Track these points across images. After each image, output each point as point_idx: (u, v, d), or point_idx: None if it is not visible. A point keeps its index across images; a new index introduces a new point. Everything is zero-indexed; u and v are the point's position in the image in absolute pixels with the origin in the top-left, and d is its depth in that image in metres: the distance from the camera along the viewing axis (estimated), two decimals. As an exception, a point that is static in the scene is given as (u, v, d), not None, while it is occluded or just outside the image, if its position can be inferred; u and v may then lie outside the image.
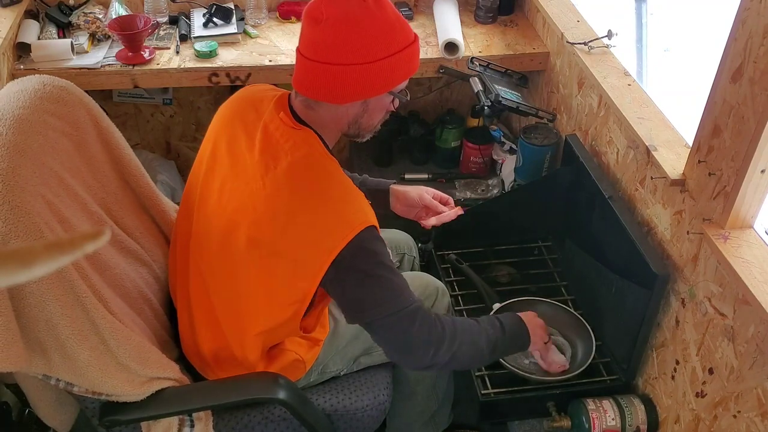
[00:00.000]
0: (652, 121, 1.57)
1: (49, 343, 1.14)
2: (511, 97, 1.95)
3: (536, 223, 2.01)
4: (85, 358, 1.16)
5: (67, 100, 1.26)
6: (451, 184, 2.30)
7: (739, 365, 1.28)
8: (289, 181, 1.21)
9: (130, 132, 2.55)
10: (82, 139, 1.28)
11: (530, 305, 1.78)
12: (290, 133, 1.24)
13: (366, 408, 1.45)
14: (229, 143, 1.31)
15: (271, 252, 1.22)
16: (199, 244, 1.33)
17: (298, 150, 1.22)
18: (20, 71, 1.95)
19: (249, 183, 1.23)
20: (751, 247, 1.27)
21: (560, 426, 1.57)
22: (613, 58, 1.83)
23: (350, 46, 1.17)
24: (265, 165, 1.22)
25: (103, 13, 2.14)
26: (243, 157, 1.27)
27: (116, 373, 1.20)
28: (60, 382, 1.19)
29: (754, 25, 1.16)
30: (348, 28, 1.17)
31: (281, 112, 1.27)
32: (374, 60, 1.19)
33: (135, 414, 1.25)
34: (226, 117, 1.36)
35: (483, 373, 1.64)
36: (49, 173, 1.16)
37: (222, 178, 1.30)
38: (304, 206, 1.19)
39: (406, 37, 1.24)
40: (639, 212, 1.61)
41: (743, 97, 1.21)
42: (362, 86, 1.21)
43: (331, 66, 1.18)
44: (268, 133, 1.26)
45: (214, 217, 1.30)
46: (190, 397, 1.31)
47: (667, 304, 1.51)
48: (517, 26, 2.27)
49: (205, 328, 1.35)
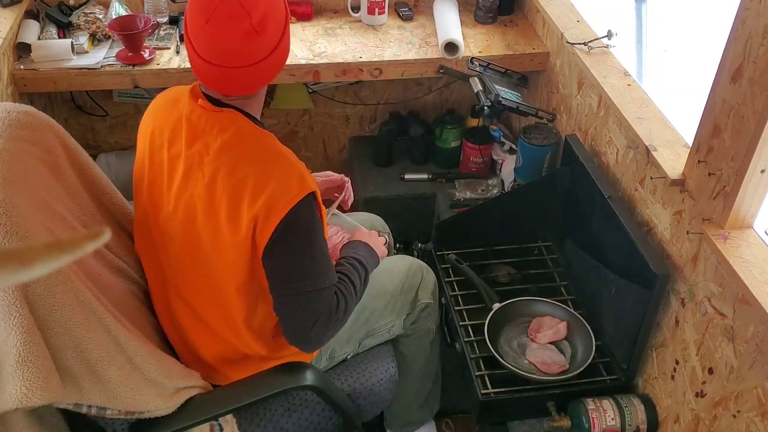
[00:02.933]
0: (651, 121, 1.57)
1: (79, 370, 1.14)
2: (511, 97, 1.96)
3: (536, 223, 2.01)
4: (115, 379, 1.17)
5: (35, 124, 1.23)
6: (451, 184, 2.30)
7: (738, 365, 1.28)
8: (225, 162, 1.22)
9: (130, 132, 2.55)
10: (55, 162, 1.25)
11: (530, 305, 1.79)
12: (214, 117, 1.25)
13: (381, 381, 1.53)
14: (160, 150, 1.31)
15: (225, 235, 1.23)
16: (167, 259, 1.34)
17: (226, 131, 1.23)
18: (20, 71, 1.95)
19: (188, 178, 1.25)
20: (750, 247, 1.27)
21: (560, 426, 1.57)
22: (612, 58, 1.83)
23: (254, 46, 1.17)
24: (198, 154, 1.23)
25: (104, 13, 2.14)
26: (177, 157, 1.28)
27: (146, 389, 1.21)
28: (92, 408, 1.19)
29: (754, 25, 1.16)
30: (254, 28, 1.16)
31: (199, 99, 1.26)
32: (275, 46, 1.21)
33: (167, 428, 1.26)
34: (149, 128, 1.34)
35: (483, 373, 1.64)
36: (39, 200, 1.15)
37: (165, 188, 1.30)
38: (244, 182, 1.20)
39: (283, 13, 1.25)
40: (639, 212, 1.61)
41: (743, 97, 1.21)
42: (275, 69, 1.25)
43: (251, 67, 1.19)
44: (192, 124, 1.26)
45: (169, 229, 1.30)
46: (219, 401, 1.32)
47: (667, 304, 1.51)
48: (517, 26, 2.27)
49: (199, 337, 1.36)
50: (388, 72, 2.08)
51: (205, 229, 1.25)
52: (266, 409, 1.41)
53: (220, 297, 1.31)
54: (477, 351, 1.70)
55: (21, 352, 1.06)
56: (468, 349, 1.70)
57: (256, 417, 1.40)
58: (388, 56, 2.08)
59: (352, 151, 2.54)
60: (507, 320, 1.75)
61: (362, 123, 2.63)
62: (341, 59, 2.06)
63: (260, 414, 1.40)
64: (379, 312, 1.58)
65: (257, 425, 1.39)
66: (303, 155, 2.64)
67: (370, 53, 2.09)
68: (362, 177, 2.37)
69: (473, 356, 1.68)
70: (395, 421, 1.80)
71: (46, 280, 1.07)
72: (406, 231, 2.21)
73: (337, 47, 2.12)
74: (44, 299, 1.08)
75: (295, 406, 1.42)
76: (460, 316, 1.80)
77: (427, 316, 1.66)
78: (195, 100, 1.26)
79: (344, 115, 2.60)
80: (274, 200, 1.19)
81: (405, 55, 2.09)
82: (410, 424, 1.81)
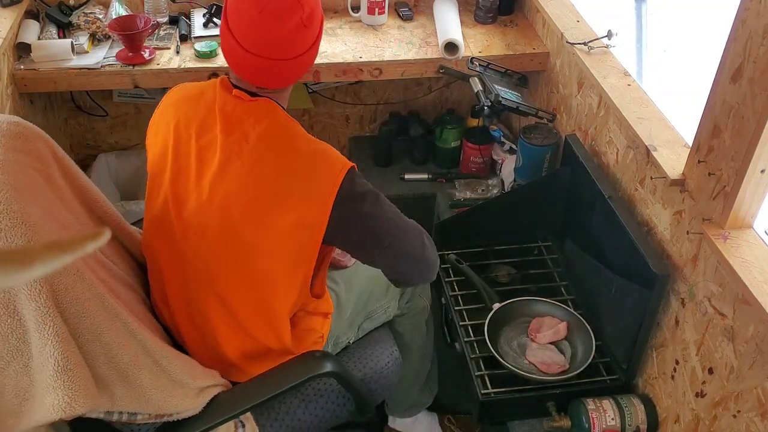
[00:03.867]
0: (651, 121, 1.57)
1: (111, 376, 1.14)
2: (511, 97, 1.96)
3: (536, 223, 2.01)
4: (147, 383, 1.17)
5: (27, 134, 1.21)
6: (451, 184, 2.30)
7: (738, 365, 1.28)
8: (266, 149, 1.25)
9: (130, 132, 2.55)
10: (48, 172, 1.24)
11: (530, 305, 1.79)
12: (250, 107, 1.27)
13: (388, 364, 1.58)
14: (187, 142, 1.31)
15: (272, 222, 1.24)
16: (194, 252, 1.32)
17: (264, 119, 1.26)
18: (20, 71, 1.95)
19: (226, 167, 1.25)
20: (751, 247, 1.27)
21: (560, 426, 1.57)
22: (612, 58, 1.83)
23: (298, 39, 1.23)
24: (237, 143, 1.25)
25: (104, 13, 2.14)
26: (209, 147, 1.28)
27: (174, 391, 1.22)
28: (123, 415, 1.19)
29: (754, 25, 1.16)
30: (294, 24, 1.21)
31: (233, 90, 1.28)
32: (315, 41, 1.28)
33: (194, 429, 1.26)
34: (171, 122, 1.34)
35: (483, 373, 1.64)
36: (45, 210, 1.14)
37: (194, 178, 1.30)
38: (289, 167, 1.24)
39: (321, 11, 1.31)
40: (639, 212, 1.61)
41: (743, 97, 1.21)
42: (310, 64, 1.32)
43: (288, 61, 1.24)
44: (227, 115, 1.27)
45: (201, 219, 1.29)
46: (242, 397, 1.33)
47: (667, 304, 1.51)
48: (517, 26, 2.27)
49: (224, 332, 1.36)
50: (388, 72, 2.08)
51: (246, 217, 1.25)
52: (281, 403, 1.42)
53: (255, 287, 1.31)
54: (477, 351, 1.70)
55: (59, 362, 1.06)
56: (468, 349, 1.70)
57: (272, 412, 1.41)
58: (388, 56, 2.08)
59: (352, 151, 2.54)
60: (507, 320, 1.75)
61: (362, 123, 2.63)
62: (341, 59, 2.06)
63: (276, 408, 1.41)
64: (376, 295, 1.62)
65: (275, 419, 1.41)
66: (303, 155, 2.63)
67: (370, 53, 2.09)
68: (362, 177, 2.37)
69: (473, 356, 1.68)
70: (398, 405, 1.82)
71: (73, 287, 1.07)
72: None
73: (337, 47, 2.12)
74: (74, 307, 1.07)
75: (309, 396, 1.44)
76: (460, 316, 1.80)
77: (420, 294, 1.71)
78: (229, 92, 1.29)
79: (344, 115, 2.60)
80: (324, 181, 1.24)
81: (405, 55, 2.09)
82: (413, 407, 1.84)
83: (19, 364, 1.08)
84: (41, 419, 1.09)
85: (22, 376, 1.09)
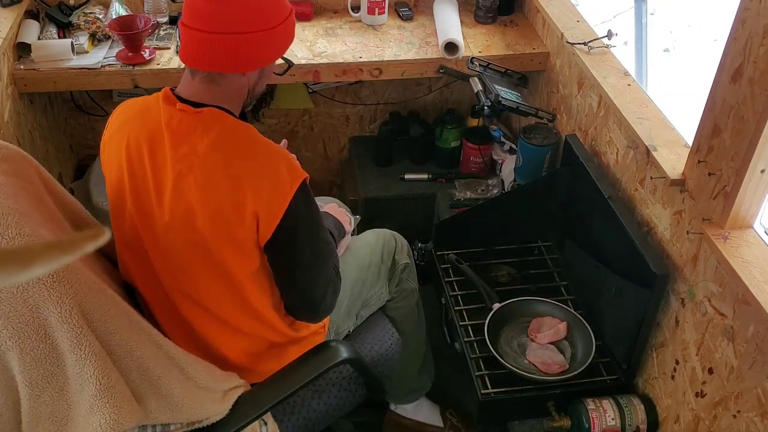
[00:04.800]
0: (651, 121, 1.57)
1: (144, 390, 1.14)
2: (511, 97, 1.95)
3: (536, 223, 2.01)
4: (178, 392, 1.18)
5: (13, 156, 1.20)
6: (451, 184, 2.30)
7: (738, 365, 1.28)
8: (218, 160, 1.22)
9: (130, 132, 2.55)
10: (37, 193, 1.22)
11: (530, 305, 1.79)
12: (196, 119, 1.25)
13: (391, 346, 1.63)
14: (140, 162, 1.28)
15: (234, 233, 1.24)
16: (170, 271, 1.32)
17: (211, 130, 1.24)
18: (20, 71, 1.95)
19: (180, 185, 1.24)
20: (751, 247, 1.27)
21: (560, 426, 1.57)
22: (613, 58, 1.83)
23: (249, 14, 1.21)
24: (186, 158, 1.23)
25: (103, 13, 2.14)
26: (163, 166, 1.25)
27: (202, 397, 1.22)
28: (156, 427, 1.20)
29: (754, 25, 1.16)
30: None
31: (176, 104, 1.26)
32: (271, 27, 1.24)
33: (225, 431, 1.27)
34: (122, 143, 1.31)
35: (483, 373, 1.64)
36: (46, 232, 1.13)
37: (154, 199, 1.28)
38: (242, 177, 1.22)
39: (288, 6, 1.30)
40: (639, 212, 1.61)
41: (743, 97, 1.21)
42: (264, 52, 1.26)
43: (235, 35, 1.21)
44: (173, 129, 1.25)
45: (168, 238, 1.28)
46: (264, 395, 1.34)
47: (667, 304, 1.51)
48: (517, 26, 2.27)
49: (221, 339, 1.37)
50: (388, 72, 2.08)
51: (207, 230, 1.24)
52: (296, 396, 1.43)
53: (236, 292, 1.32)
54: (477, 351, 1.70)
55: (101, 381, 1.06)
56: (468, 349, 1.70)
57: (288, 406, 1.43)
58: (388, 56, 2.08)
59: (352, 151, 2.54)
60: (507, 320, 1.75)
61: (362, 123, 2.63)
62: (341, 59, 2.06)
63: (291, 403, 1.44)
64: (369, 283, 1.65)
65: (291, 413, 1.43)
66: (303, 155, 2.64)
67: (370, 53, 2.09)
68: (362, 177, 2.37)
69: (473, 356, 1.68)
70: (398, 391, 1.83)
71: (100, 305, 1.07)
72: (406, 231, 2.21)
73: (337, 47, 2.12)
74: (103, 324, 1.07)
75: (322, 387, 1.47)
76: (460, 316, 1.80)
77: (407, 277, 1.74)
78: (171, 105, 1.26)
79: (344, 115, 2.60)
80: (274, 192, 1.22)
81: (405, 55, 2.09)
82: (414, 391, 1.85)
83: (54, 389, 1.07)
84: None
85: (59, 402, 1.08)
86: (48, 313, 1.01)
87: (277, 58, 1.31)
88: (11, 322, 1.00)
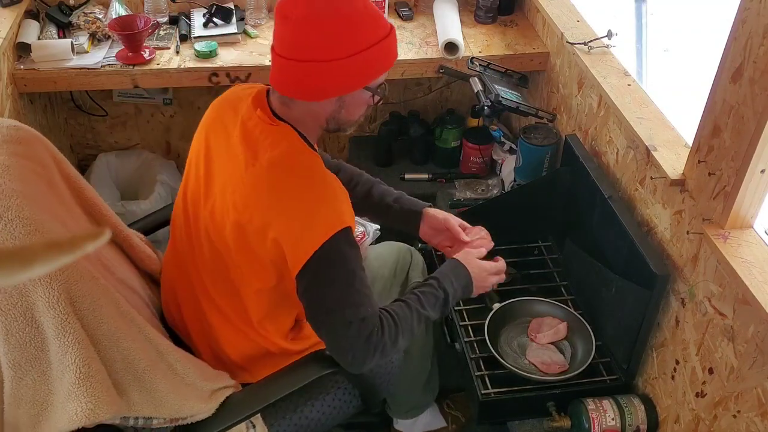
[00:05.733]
0: (651, 121, 1.57)
1: (128, 382, 1.14)
2: (511, 97, 1.95)
3: (536, 223, 2.01)
4: (163, 387, 1.17)
5: (27, 139, 1.20)
6: (451, 184, 2.30)
7: (738, 365, 1.28)
8: (268, 177, 1.21)
9: (130, 132, 2.55)
10: (50, 176, 1.23)
11: (530, 305, 1.79)
12: (268, 129, 1.25)
13: (392, 362, 1.57)
14: (209, 149, 1.32)
15: (256, 249, 1.24)
16: (200, 255, 1.35)
17: (277, 146, 1.23)
18: (20, 71, 1.95)
19: (230, 182, 1.25)
20: (751, 247, 1.27)
21: (560, 426, 1.57)
22: (613, 58, 1.83)
23: (318, 43, 1.17)
24: (245, 161, 1.23)
25: (103, 13, 2.14)
26: (222, 159, 1.28)
27: (188, 394, 1.22)
28: (138, 420, 1.19)
29: (754, 25, 1.16)
30: (315, 25, 1.17)
31: (258, 108, 1.27)
32: (344, 56, 1.18)
33: (209, 430, 1.26)
34: (206, 125, 1.36)
35: (483, 373, 1.64)
36: (53, 215, 1.13)
37: (203, 183, 1.31)
38: (281, 204, 1.20)
39: (379, 31, 1.22)
40: (639, 212, 1.61)
41: (743, 97, 1.21)
42: (334, 83, 1.21)
43: (303, 63, 1.19)
44: (247, 130, 1.26)
45: (203, 224, 1.31)
46: (253, 398, 1.33)
47: (667, 304, 1.51)
48: (517, 26, 2.27)
49: (225, 335, 1.38)
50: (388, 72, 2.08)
51: (234, 239, 1.25)
52: (289, 402, 1.42)
53: (240, 296, 1.32)
54: (477, 351, 1.70)
55: (81, 369, 1.06)
56: (468, 349, 1.70)
57: (281, 411, 1.42)
58: (388, 56, 2.08)
59: (352, 151, 2.54)
60: (507, 320, 1.75)
61: (362, 123, 2.62)
62: (341, 59, 2.06)
63: (284, 407, 1.42)
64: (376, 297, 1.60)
65: (283, 418, 1.42)
66: (303, 155, 2.63)
67: (370, 53, 2.09)
68: (362, 177, 2.37)
69: (473, 356, 1.68)
70: (400, 407, 1.82)
71: (89, 293, 1.07)
72: (406, 231, 2.22)
73: (337, 47, 2.12)
74: (91, 313, 1.07)
75: (317, 394, 1.45)
76: (460, 316, 1.80)
77: None
78: (255, 108, 1.27)
79: (344, 115, 2.60)
80: (305, 232, 1.19)
81: (405, 55, 2.09)
82: (416, 407, 1.83)
83: (37, 372, 1.07)
84: (64, 427, 1.09)
85: (41, 385, 1.08)
86: (36, 297, 1.02)
87: (354, 89, 1.25)
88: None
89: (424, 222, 1.57)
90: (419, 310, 1.33)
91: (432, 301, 1.35)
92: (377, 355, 1.25)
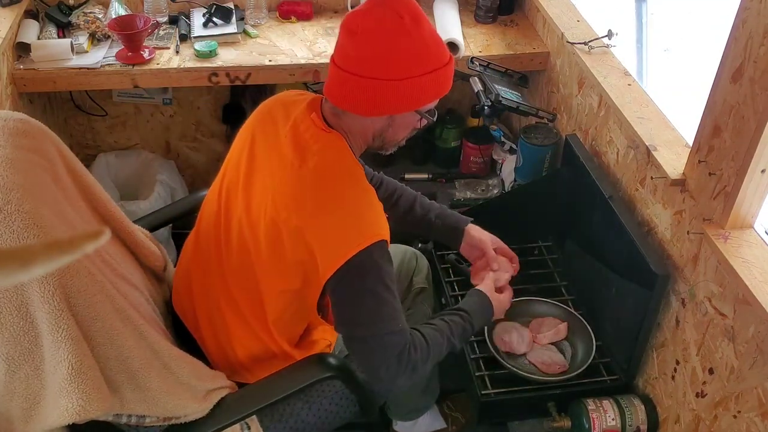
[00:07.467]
0: (652, 121, 1.57)
1: (121, 380, 1.14)
2: (511, 97, 1.95)
3: (536, 223, 2.01)
4: (156, 386, 1.17)
5: (33, 132, 1.19)
6: (451, 184, 2.30)
7: (739, 365, 1.28)
8: (312, 181, 1.22)
9: (130, 132, 2.55)
10: (55, 170, 1.22)
11: (530, 305, 1.78)
12: (319, 135, 1.26)
13: None
14: (254, 143, 1.33)
15: (284, 253, 1.24)
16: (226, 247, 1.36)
17: (327, 152, 1.24)
18: (20, 71, 1.95)
19: (271, 181, 1.26)
20: (751, 247, 1.27)
21: (560, 426, 1.57)
22: (613, 58, 1.83)
23: (381, 61, 1.18)
24: (291, 161, 1.24)
25: (103, 13, 2.14)
26: (268, 155, 1.29)
27: (182, 394, 1.21)
28: (131, 417, 1.19)
29: (754, 25, 1.16)
30: (380, 44, 1.18)
31: (313, 113, 1.28)
32: (403, 78, 1.20)
33: (202, 430, 1.26)
34: (255, 120, 1.37)
35: (483, 373, 1.64)
36: (56, 210, 1.13)
37: (243, 179, 1.32)
38: (321, 209, 1.20)
39: (439, 59, 1.23)
40: (639, 212, 1.61)
41: (743, 97, 1.21)
42: (389, 102, 1.23)
43: (361, 78, 1.20)
44: (298, 132, 1.27)
45: (236, 217, 1.32)
46: (248, 399, 1.32)
47: (667, 304, 1.51)
48: (517, 26, 2.27)
49: (237, 333, 1.37)
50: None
51: (266, 230, 1.25)
52: (286, 405, 1.42)
53: (261, 294, 1.32)
54: (477, 351, 1.70)
55: (73, 365, 1.05)
56: (468, 349, 1.70)
57: (277, 413, 1.41)
58: (388, 56, 2.08)
59: (352, 151, 2.53)
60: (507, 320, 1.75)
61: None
62: (341, 59, 2.05)
63: (281, 410, 1.41)
64: None
65: (278, 421, 1.41)
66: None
67: (370, 53, 2.09)
68: (362, 177, 2.37)
69: (473, 356, 1.68)
70: (400, 409, 1.82)
71: (85, 289, 1.07)
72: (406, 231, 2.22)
73: (337, 47, 2.11)
74: (86, 310, 1.07)
75: (313, 398, 1.44)
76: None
77: (422, 301, 1.69)
78: (310, 112, 1.28)
79: (344, 115, 2.60)
80: (339, 241, 1.19)
81: (405, 54, 2.09)
82: (415, 410, 1.83)
83: (30, 367, 1.07)
84: (54, 422, 1.08)
85: (33, 380, 1.08)
86: (31, 291, 1.02)
87: (407, 110, 1.26)
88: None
89: (465, 240, 1.62)
90: (450, 338, 1.36)
91: (460, 331, 1.38)
92: (408, 371, 1.26)
